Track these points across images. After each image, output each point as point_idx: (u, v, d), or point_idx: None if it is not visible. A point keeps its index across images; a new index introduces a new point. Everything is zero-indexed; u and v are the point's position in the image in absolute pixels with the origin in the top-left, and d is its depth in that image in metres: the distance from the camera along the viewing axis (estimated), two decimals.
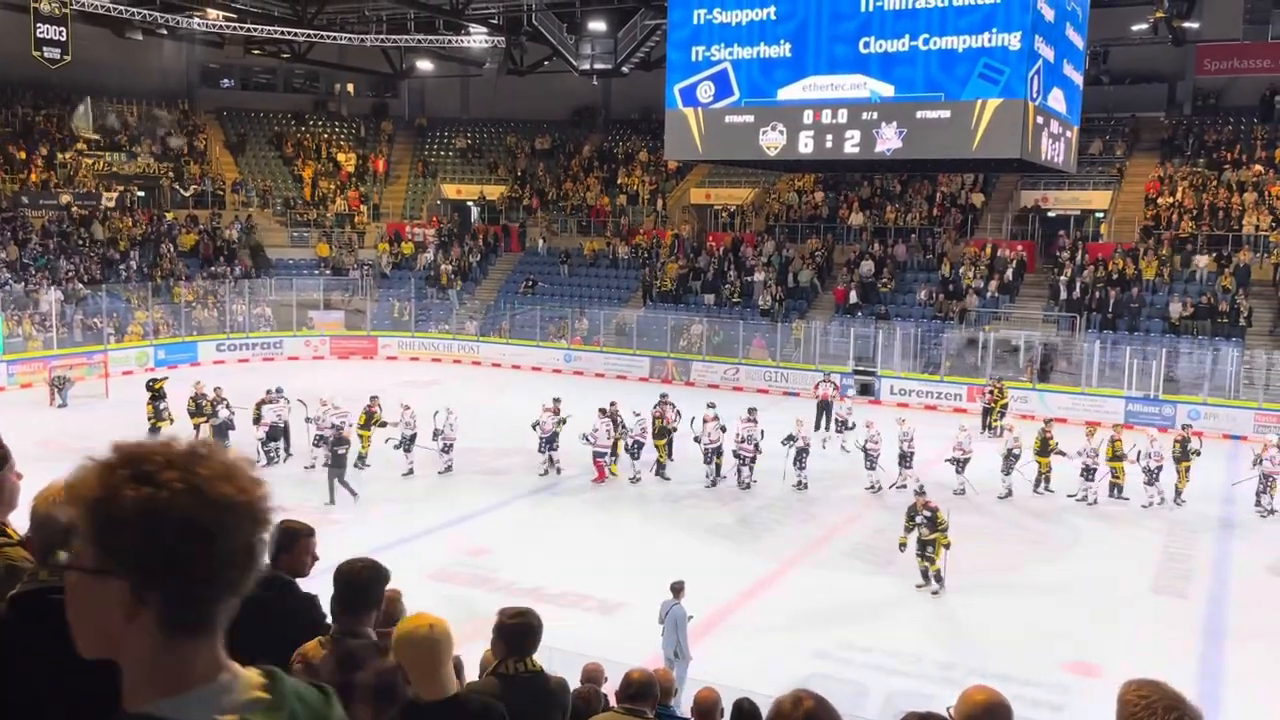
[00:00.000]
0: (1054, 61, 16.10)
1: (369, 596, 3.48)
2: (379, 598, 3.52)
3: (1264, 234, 29.52)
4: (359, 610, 3.45)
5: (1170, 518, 18.21)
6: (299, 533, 4.11)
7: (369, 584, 3.49)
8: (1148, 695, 2.50)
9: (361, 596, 3.47)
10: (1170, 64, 34.07)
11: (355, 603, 3.45)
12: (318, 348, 34.50)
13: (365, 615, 3.45)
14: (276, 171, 41.27)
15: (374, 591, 3.50)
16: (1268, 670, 12.09)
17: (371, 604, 3.48)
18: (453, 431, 19.77)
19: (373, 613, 3.48)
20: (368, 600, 3.47)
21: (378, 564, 3.55)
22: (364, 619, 3.44)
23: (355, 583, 3.47)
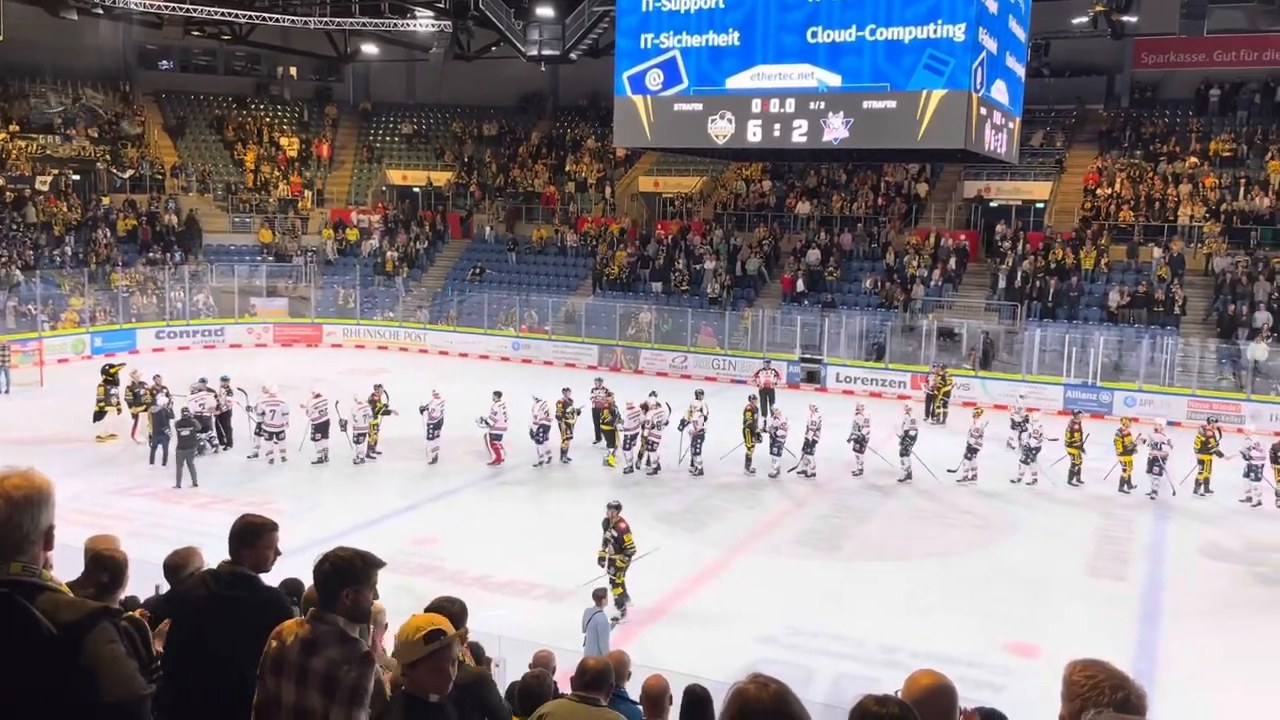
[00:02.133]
0: (997, 53, 16.31)
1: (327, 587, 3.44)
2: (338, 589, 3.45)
3: (1198, 224, 30.26)
4: (325, 600, 3.43)
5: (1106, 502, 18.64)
6: (261, 527, 4.06)
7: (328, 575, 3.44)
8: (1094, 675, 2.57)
9: (323, 586, 3.44)
10: (1109, 57, 34.71)
11: (322, 592, 3.44)
12: (260, 335, 33.97)
13: (331, 604, 3.43)
14: (217, 155, 40.48)
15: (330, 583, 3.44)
16: (1200, 650, 12.46)
17: (333, 596, 3.43)
18: (362, 422, 19.58)
19: (338, 604, 3.43)
20: (328, 592, 3.43)
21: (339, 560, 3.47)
22: (331, 607, 3.42)
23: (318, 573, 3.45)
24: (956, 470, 19.61)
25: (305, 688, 3.30)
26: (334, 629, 3.36)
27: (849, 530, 16.98)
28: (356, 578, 3.46)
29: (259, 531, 4.03)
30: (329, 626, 3.37)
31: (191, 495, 17.54)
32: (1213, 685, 11.36)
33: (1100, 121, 34.93)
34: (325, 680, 3.26)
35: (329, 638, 3.33)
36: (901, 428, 19.62)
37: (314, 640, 3.34)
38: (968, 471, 19.51)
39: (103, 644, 2.59)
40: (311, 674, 3.29)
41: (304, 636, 3.36)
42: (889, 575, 14.90)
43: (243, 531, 4.01)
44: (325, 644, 3.32)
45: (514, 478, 19.38)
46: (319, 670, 3.28)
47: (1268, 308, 27.06)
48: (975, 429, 19.59)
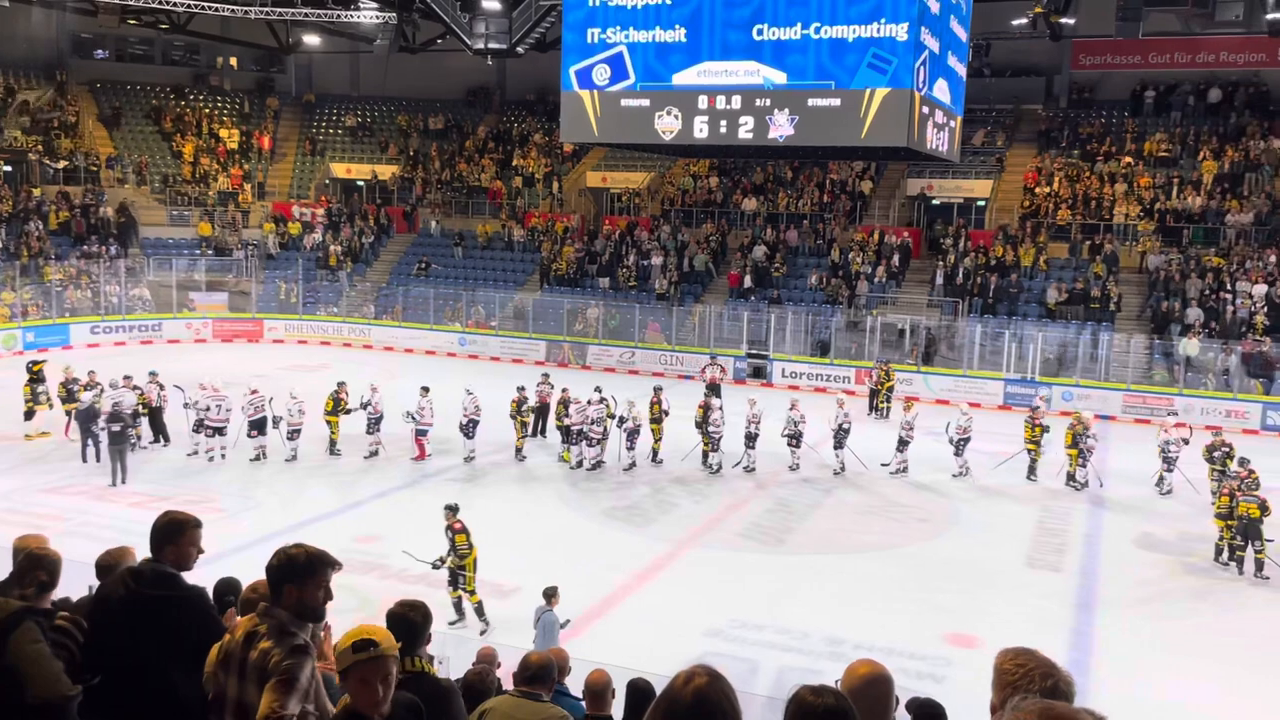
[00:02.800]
0: (939, 53, 16.53)
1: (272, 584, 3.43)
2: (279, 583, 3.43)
3: (1132, 223, 30.96)
4: (273, 595, 3.42)
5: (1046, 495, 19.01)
6: (184, 524, 3.98)
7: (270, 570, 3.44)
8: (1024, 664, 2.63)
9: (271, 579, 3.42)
10: (1048, 58, 35.36)
11: (270, 587, 3.44)
12: (199, 330, 33.38)
13: (276, 600, 3.40)
14: (154, 147, 39.64)
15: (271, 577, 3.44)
16: (1133, 638, 12.77)
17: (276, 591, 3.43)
18: (297, 418, 19.38)
19: (280, 599, 3.42)
20: (273, 588, 3.42)
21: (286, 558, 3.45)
22: (279, 604, 3.40)
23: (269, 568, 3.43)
24: (890, 463, 19.90)
25: (244, 681, 3.29)
26: (275, 622, 3.34)
27: (794, 524, 17.12)
28: (299, 574, 3.43)
29: (181, 528, 3.96)
30: (270, 620, 3.35)
31: (125, 493, 17.18)
32: (1146, 672, 11.65)
33: (1039, 121, 35.57)
34: (259, 672, 3.24)
35: (269, 631, 3.32)
36: (835, 422, 19.83)
37: (255, 634, 3.32)
38: (900, 463, 19.83)
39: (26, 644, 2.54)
40: (251, 667, 3.27)
41: (248, 630, 3.34)
42: (833, 568, 15.06)
43: (165, 528, 3.93)
44: (262, 637, 3.31)
45: (458, 474, 19.26)
46: (255, 663, 3.26)
47: (1199, 304, 27.78)
48: (906, 422, 19.94)
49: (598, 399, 19.97)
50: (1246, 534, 14.78)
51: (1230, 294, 27.95)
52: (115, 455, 17.75)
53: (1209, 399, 25.65)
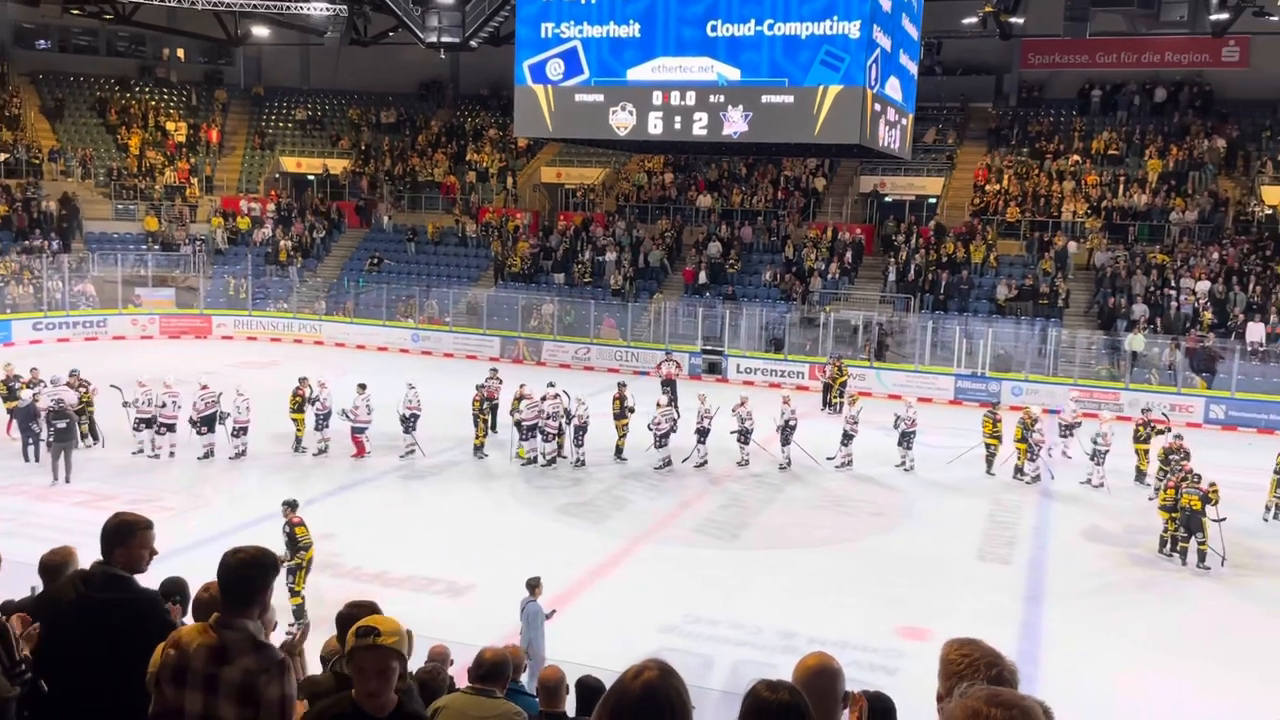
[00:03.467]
0: (891, 51, 16.67)
1: (251, 588, 3.31)
2: (262, 589, 3.35)
3: (1080, 220, 31.48)
4: (240, 602, 3.29)
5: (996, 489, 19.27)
6: (135, 526, 3.89)
7: (252, 576, 3.32)
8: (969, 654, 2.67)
9: (244, 588, 3.30)
10: (998, 57, 35.83)
11: (235, 595, 3.30)
12: (146, 327, 32.78)
13: (246, 608, 3.29)
14: (99, 140, 38.84)
15: (257, 583, 3.33)
16: (1080, 628, 12.98)
17: (253, 598, 3.31)
18: (244, 415, 19.12)
19: (254, 606, 3.32)
20: (250, 592, 3.31)
21: (264, 556, 3.38)
22: (245, 612, 3.28)
23: (237, 574, 3.31)
24: (835, 457, 20.10)
25: (215, 696, 3.18)
26: (246, 635, 3.24)
27: (747, 519, 17.19)
28: (269, 575, 3.37)
29: (133, 529, 3.86)
30: (239, 634, 3.24)
31: (69, 493, 16.83)
32: (1094, 662, 11.85)
33: (989, 119, 36.03)
34: (243, 690, 3.14)
35: (242, 645, 3.22)
36: (781, 418, 19.94)
37: (224, 648, 3.21)
38: (845, 457, 20.02)
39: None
40: (224, 683, 3.17)
41: (210, 644, 3.23)
42: (787, 562, 15.14)
43: (116, 530, 3.84)
44: (238, 652, 3.20)
45: (411, 471, 19.12)
46: (233, 680, 3.16)
47: (1145, 300, 28.31)
48: (850, 416, 20.16)
49: (553, 394, 19.91)
50: (1189, 526, 15.09)
51: (1174, 290, 28.53)
52: (57, 453, 17.37)
53: (1154, 393, 26.16)
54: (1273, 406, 25.16)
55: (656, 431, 19.62)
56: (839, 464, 20.00)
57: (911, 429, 19.96)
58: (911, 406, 20.49)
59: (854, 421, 20.05)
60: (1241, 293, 27.92)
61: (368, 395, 19.70)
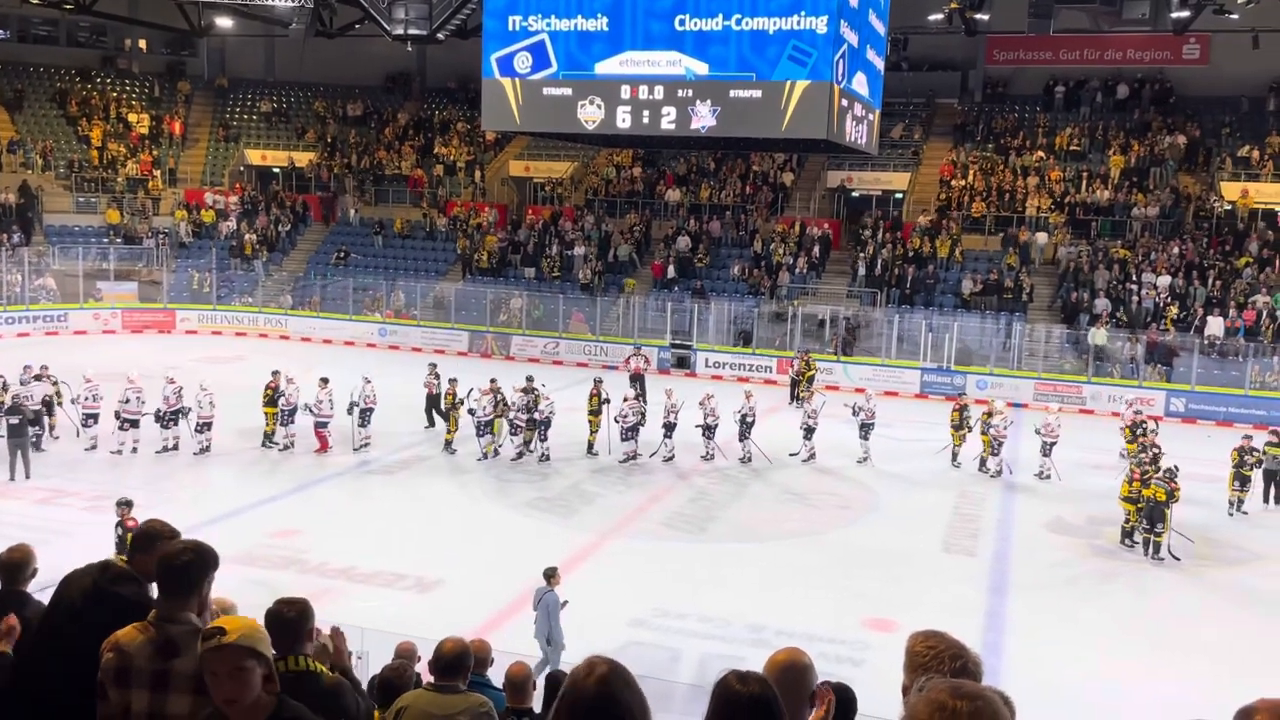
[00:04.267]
0: (858, 46, 16.72)
1: (191, 580, 3.32)
2: (201, 581, 3.35)
3: (1044, 215, 31.81)
4: (179, 595, 3.29)
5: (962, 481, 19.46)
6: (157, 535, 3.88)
7: (191, 566, 3.32)
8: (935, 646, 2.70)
9: (183, 579, 3.30)
10: (963, 53, 36.11)
11: (175, 587, 3.30)
12: (108, 321, 32.32)
13: (186, 600, 3.30)
14: (59, 131, 38.23)
15: (196, 574, 3.33)
16: (1045, 617, 13.16)
17: (193, 589, 3.32)
18: (208, 410, 18.96)
19: (194, 598, 3.32)
20: (189, 584, 3.31)
21: (200, 546, 3.37)
22: (185, 604, 3.29)
23: (175, 566, 3.31)
24: (798, 451, 20.17)
25: (165, 692, 3.15)
26: (190, 628, 3.22)
27: (715, 513, 17.26)
28: (208, 568, 3.37)
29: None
30: (184, 626, 3.23)
31: (27, 489, 16.58)
32: (1057, 651, 12.02)
33: (954, 115, 36.30)
34: (199, 680, 3.09)
35: (188, 638, 3.18)
36: (739, 412, 19.99)
37: (170, 641, 3.19)
38: (808, 451, 20.11)
39: None
40: (177, 676, 3.15)
41: (154, 640, 3.20)
42: (755, 556, 15.22)
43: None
44: (185, 645, 3.18)
45: (378, 467, 19.01)
46: (185, 671, 3.14)
47: (1107, 295, 28.67)
48: (811, 410, 20.30)
49: (519, 389, 19.83)
50: (1151, 517, 15.31)
51: (1136, 285, 28.92)
52: (14, 449, 17.13)
53: (1116, 386, 26.53)
54: (1231, 399, 25.59)
55: (623, 424, 19.64)
56: (804, 458, 20.09)
57: (870, 420, 20.11)
58: (871, 398, 20.63)
59: (814, 415, 20.18)
60: (1201, 287, 28.34)
61: (331, 389, 19.57)
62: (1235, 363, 26.45)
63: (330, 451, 19.46)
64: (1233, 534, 16.90)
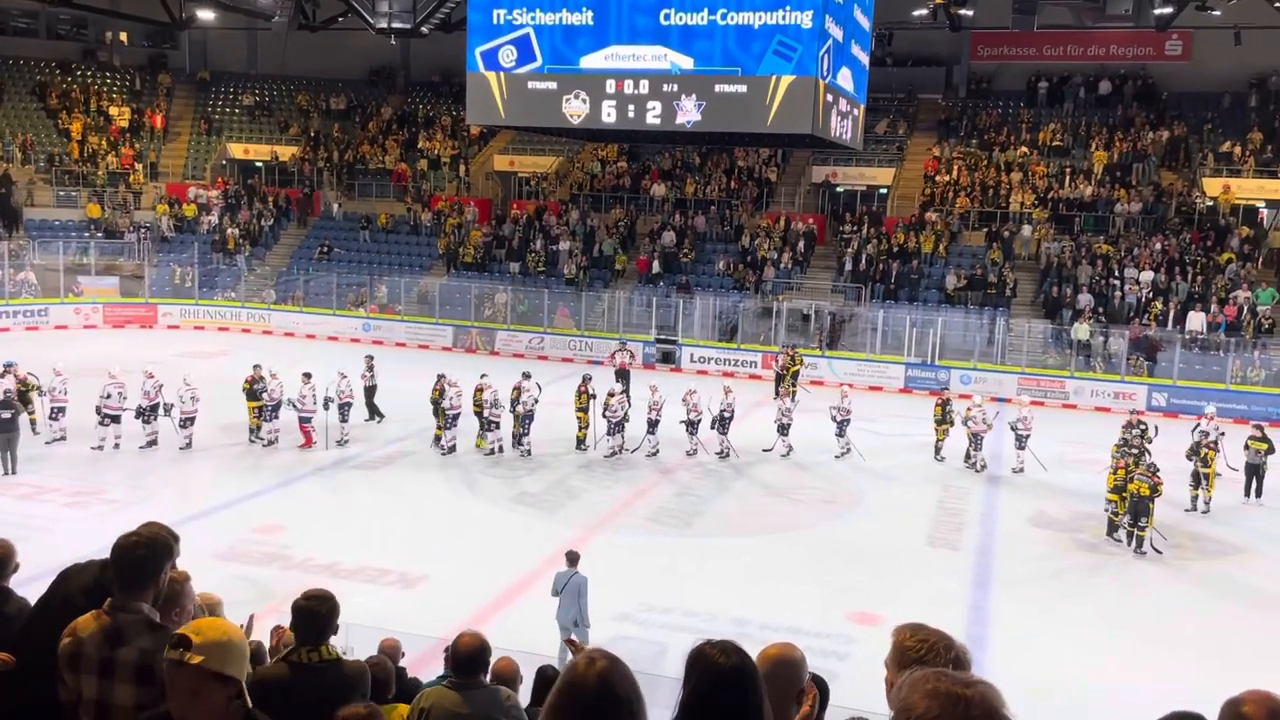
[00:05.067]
0: (843, 41, 16.73)
1: (145, 571, 3.30)
2: (157, 572, 3.33)
3: (1028, 210, 31.93)
4: (133, 585, 3.28)
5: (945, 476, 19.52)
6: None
7: (145, 558, 3.30)
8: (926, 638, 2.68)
9: (136, 571, 3.29)
10: (948, 49, 36.19)
11: (130, 578, 3.28)
12: (89, 316, 32.08)
13: (141, 591, 3.28)
14: (39, 124, 37.90)
15: (150, 566, 3.31)
16: (1028, 611, 13.23)
17: (148, 579, 3.30)
18: (190, 405, 18.85)
19: (150, 589, 3.30)
20: (143, 575, 3.29)
21: (157, 537, 3.35)
22: (139, 595, 3.27)
23: (130, 556, 3.29)
24: (773, 448, 20.21)
25: (110, 680, 3.16)
26: (140, 617, 3.23)
27: (701, 508, 17.26)
28: (172, 552, 3.36)
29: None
30: (134, 615, 3.23)
31: (12, 485, 16.44)
32: (1041, 646, 12.07)
33: (939, 111, 36.39)
34: (139, 670, 3.13)
35: (136, 627, 3.21)
36: (717, 407, 19.98)
37: (118, 630, 3.19)
38: (785, 446, 20.13)
39: None
40: (120, 665, 3.16)
41: (104, 628, 3.21)
42: (740, 550, 15.23)
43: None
44: (133, 634, 3.19)
45: (361, 462, 18.93)
46: (129, 661, 3.15)
47: (1090, 290, 28.81)
48: (786, 408, 20.37)
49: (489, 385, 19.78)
50: (1135, 511, 15.38)
51: (1119, 280, 29.06)
52: (2, 445, 16.98)
53: (1099, 381, 26.67)
54: (1213, 394, 25.72)
55: (609, 420, 19.63)
56: (780, 453, 20.08)
57: (846, 418, 20.17)
58: (847, 396, 20.66)
59: (788, 413, 20.22)
60: (1183, 283, 28.51)
61: (314, 384, 19.49)
62: (1217, 358, 26.62)
63: (314, 447, 19.37)
64: (1215, 528, 17.01)
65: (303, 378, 19.59)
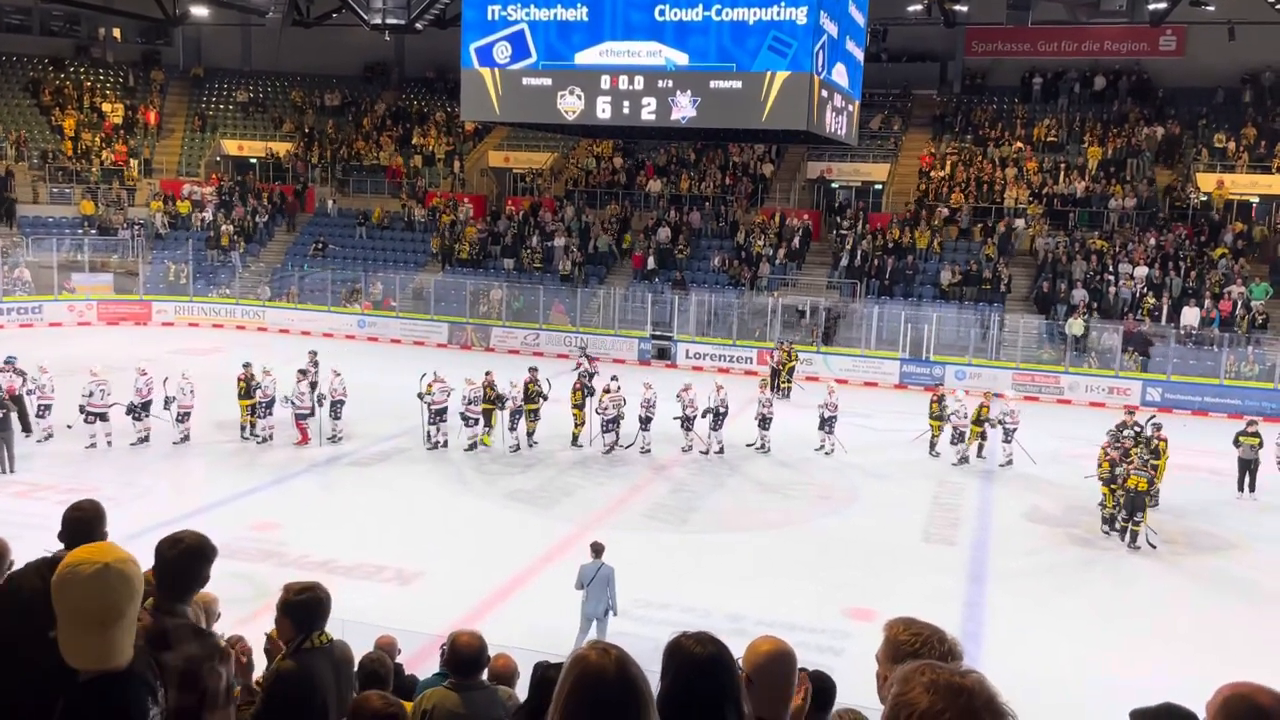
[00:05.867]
0: (837, 37, 16.73)
1: (188, 575, 3.30)
2: (199, 577, 3.35)
3: (1022, 206, 31.96)
4: (177, 590, 3.27)
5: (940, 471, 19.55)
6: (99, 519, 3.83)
7: (188, 563, 3.30)
8: (920, 632, 2.67)
9: (180, 575, 3.29)
10: (942, 44, 36.18)
11: (173, 582, 3.28)
12: (83, 313, 32.01)
13: (184, 596, 3.29)
14: (32, 121, 37.77)
15: (193, 570, 3.32)
16: (1023, 605, 13.26)
17: (191, 583, 3.32)
18: (188, 399, 18.83)
19: (192, 594, 3.33)
20: (187, 580, 3.30)
21: (200, 542, 3.36)
22: (183, 599, 3.28)
23: (173, 561, 3.28)
24: (755, 442, 20.26)
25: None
26: (186, 623, 3.23)
27: (696, 504, 17.28)
28: (207, 564, 3.36)
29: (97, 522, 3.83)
30: (180, 620, 3.23)
31: (7, 483, 16.41)
32: (1036, 639, 12.10)
33: (934, 106, 36.39)
34: (185, 676, 3.11)
35: (183, 632, 3.19)
36: (710, 403, 19.98)
37: (164, 633, 3.17)
38: (764, 442, 20.17)
39: None
40: (165, 670, 3.13)
41: (149, 630, 3.16)
42: (735, 546, 15.24)
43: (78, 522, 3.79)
44: (180, 638, 3.17)
45: (356, 459, 18.92)
46: (175, 666, 3.12)
47: (1084, 285, 28.85)
48: (764, 399, 20.41)
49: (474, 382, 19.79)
50: (1131, 506, 15.41)
51: (1113, 275, 29.11)
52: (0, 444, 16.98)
53: (1093, 376, 26.72)
54: (1207, 389, 25.83)
55: (603, 416, 19.64)
56: (758, 448, 20.10)
57: (833, 414, 20.19)
58: (834, 392, 20.68)
59: (768, 405, 20.28)
60: (1177, 278, 28.56)
61: (307, 381, 19.47)
62: (1211, 353, 26.68)
63: (310, 444, 19.36)
64: (1209, 522, 17.06)
65: (297, 375, 19.58)
